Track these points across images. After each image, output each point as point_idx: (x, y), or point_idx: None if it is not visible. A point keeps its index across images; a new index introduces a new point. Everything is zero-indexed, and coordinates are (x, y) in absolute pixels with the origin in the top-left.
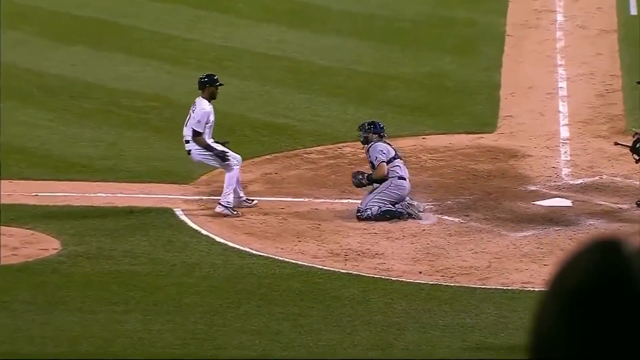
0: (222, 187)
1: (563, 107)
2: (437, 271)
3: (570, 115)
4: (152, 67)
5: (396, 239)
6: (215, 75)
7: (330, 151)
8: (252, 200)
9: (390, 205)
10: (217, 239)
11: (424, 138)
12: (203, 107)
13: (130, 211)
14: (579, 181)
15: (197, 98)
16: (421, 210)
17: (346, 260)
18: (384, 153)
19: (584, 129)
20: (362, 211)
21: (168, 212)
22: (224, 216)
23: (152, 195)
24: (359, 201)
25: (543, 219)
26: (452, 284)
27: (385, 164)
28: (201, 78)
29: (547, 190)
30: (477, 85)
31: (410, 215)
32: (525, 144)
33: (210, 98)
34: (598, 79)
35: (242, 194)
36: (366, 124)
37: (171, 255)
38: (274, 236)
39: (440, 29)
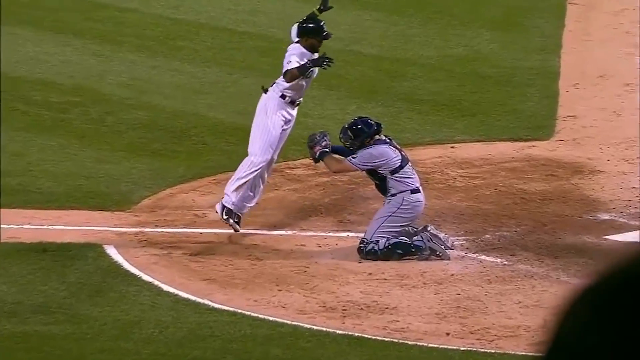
0: (176, 211)
1: None
2: (472, 332)
3: None
4: (74, 48)
5: (414, 287)
6: (322, 22)
7: (323, 165)
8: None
9: (404, 237)
10: (165, 287)
11: (452, 147)
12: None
13: (42, 249)
14: None
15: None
16: (449, 246)
17: (344, 316)
18: (376, 158)
19: None
20: (366, 244)
21: (96, 250)
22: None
23: (73, 227)
24: (363, 234)
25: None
26: (493, 351)
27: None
28: (302, 23)
29: (626, 220)
30: (527, 73)
31: (433, 253)
32: (594, 155)
33: (309, 51)
34: None
35: (253, 202)
36: (348, 130)
37: (100, 311)
38: (245, 283)
39: None
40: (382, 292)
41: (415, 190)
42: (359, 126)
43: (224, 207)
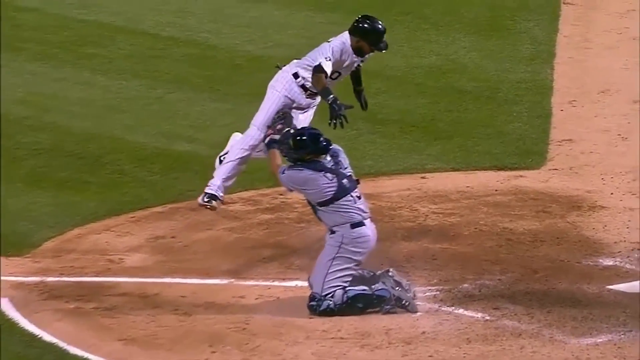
0: (86, 256)
1: None
2: None
3: None
4: None
5: (377, 347)
6: (384, 29)
7: (267, 199)
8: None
9: (364, 287)
10: (73, 349)
11: (424, 177)
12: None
13: None
14: None
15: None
16: (412, 297)
17: None
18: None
19: None
20: (319, 299)
21: None
22: (208, 207)
23: None
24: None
25: (626, 314)
26: None
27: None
28: (362, 20)
29: (633, 267)
30: (514, 87)
31: (399, 302)
32: (595, 187)
33: (355, 53)
34: None
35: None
36: (291, 138)
37: None
38: (171, 343)
39: None
40: (339, 353)
41: (356, 224)
42: (304, 138)
43: (206, 194)
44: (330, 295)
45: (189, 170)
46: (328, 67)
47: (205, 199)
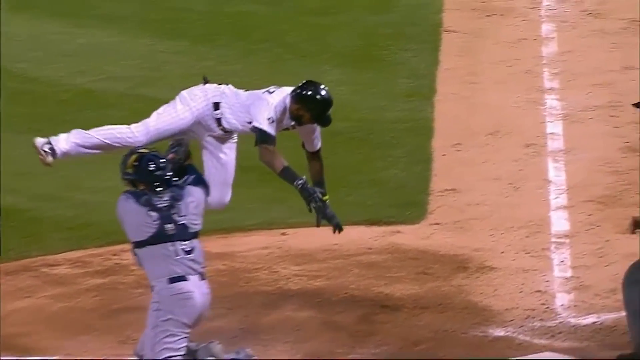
0: None
1: (557, 173)
2: None
3: (572, 188)
4: None
5: None
6: (331, 103)
7: (98, 260)
8: None
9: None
10: None
11: (285, 234)
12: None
13: None
14: (590, 319)
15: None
16: None
17: None
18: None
19: (599, 214)
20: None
21: None
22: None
23: None
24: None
25: None
26: None
27: None
28: (307, 86)
29: (528, 338)
30: (390, 128)
31: None
32: (483, 244)
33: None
34: (626, 117)
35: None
36: (128, 156)
37: None
38: None
39: (306, 15)
40: None
41: (176, 278)
42: (139, 163)
43: (50, 143)
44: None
45: (6, 226)
46: (273, 132)
47: (46, 147)
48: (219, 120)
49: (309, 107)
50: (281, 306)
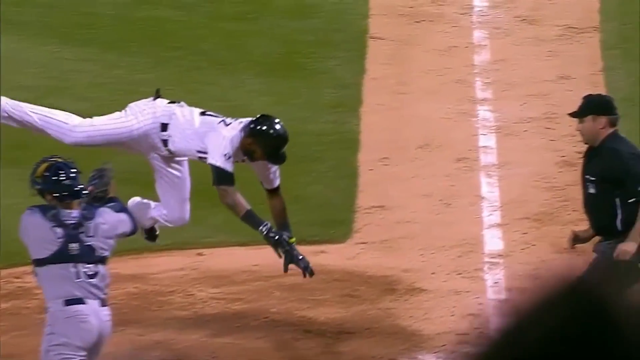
0: None
1: (490, 188)
2: None
3: (506, 204)
4: None
5: None
6: (286, 139)
7: None
8: None
9: None
10: None
11: (201, 254)
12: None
13: None
14: None
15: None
16: None
17: None
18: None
19: (534, 233)
20: None
21: None
22: None
23: None
24: None
25: None
26: None
27: None
28: (261, 120)
29: None
30: (314, 142)
31: None
32: (413, 265)
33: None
34: (562, 129)
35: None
36: (39, 165)
37: None
38: None
39: (223, 21)
40: None
41: (73, 301)
42: (48, 172)
43: None
44: None
45: None
46: (231, 168)
47: None
48: (165, 142)
49: (262, 142)
50: (197, 331)
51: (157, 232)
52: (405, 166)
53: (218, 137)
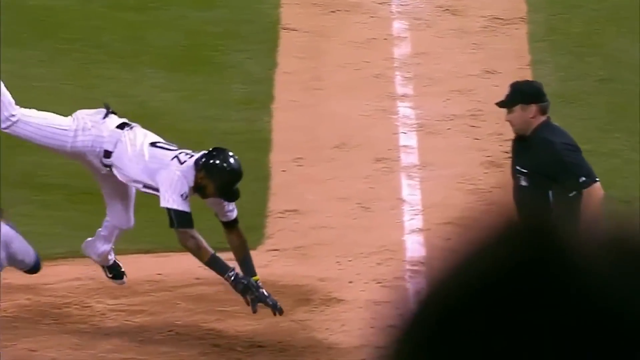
0: None
1: (411, 191)
2: None
3: (428, 208)
4: None
5: None
6: (239, 175)
7: None
8: None
9: None
10: None
11: None
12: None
13: None
14: None
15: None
16: None
17: None
18: None
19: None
20: None
21: None
22: None
23: None
24: None
25: None
26: None
27: None
28: (210, 158)
29: None
30: (223, 140)
31: None
32: (329, 273)
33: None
34: (488, 127)
35: None
36: None
37: None
38: None
39: (122, 11)
40: None
41: None
42: None
43: None
44: None
45: None
46: (188, 209)
47: None
48: (107, 166)
49: (214, 177)
50: (95, 346)
51: (122, 269)
52: (321, 167)
53: (172, 176)
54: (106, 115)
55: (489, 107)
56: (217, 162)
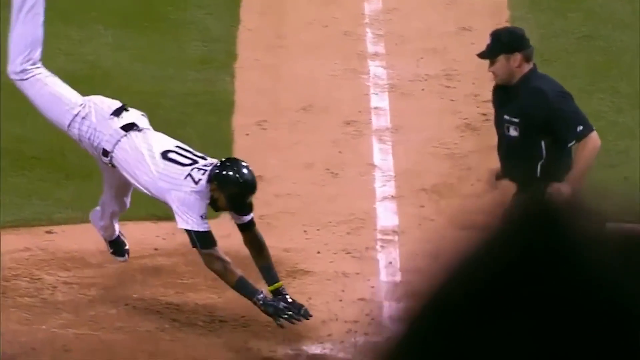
0: None
1: (383, 156)
2: None
3: (401, 174)
4: None
5: None
6: (253, 189)
7: None
8: None
9: None
10: None
11: (50, 232)
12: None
13: None
14: None
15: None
16: None
17: None
18: None
19: (432, 206)
20: None
21: None
22: None
23: None
24: None
25: None
26: None
27: None
28: (223, 169)
29: (348, 356)
30: (181, 103)
31: None
32: (297, 244)
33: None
34: (464, 88)
35: None
36: None
37: None
38: None
39: None
40: None
41: None
42: None
43: None
44: None
45: None
46: (208, 228)
47: None
48: (109, 160)
49: (225, 188)
50: (46, 321)
51: (127, 247)
52: (286, 131)
53: (188, 197)
54: (119, 113)
55: (464, 67)
56: (230, 173)
